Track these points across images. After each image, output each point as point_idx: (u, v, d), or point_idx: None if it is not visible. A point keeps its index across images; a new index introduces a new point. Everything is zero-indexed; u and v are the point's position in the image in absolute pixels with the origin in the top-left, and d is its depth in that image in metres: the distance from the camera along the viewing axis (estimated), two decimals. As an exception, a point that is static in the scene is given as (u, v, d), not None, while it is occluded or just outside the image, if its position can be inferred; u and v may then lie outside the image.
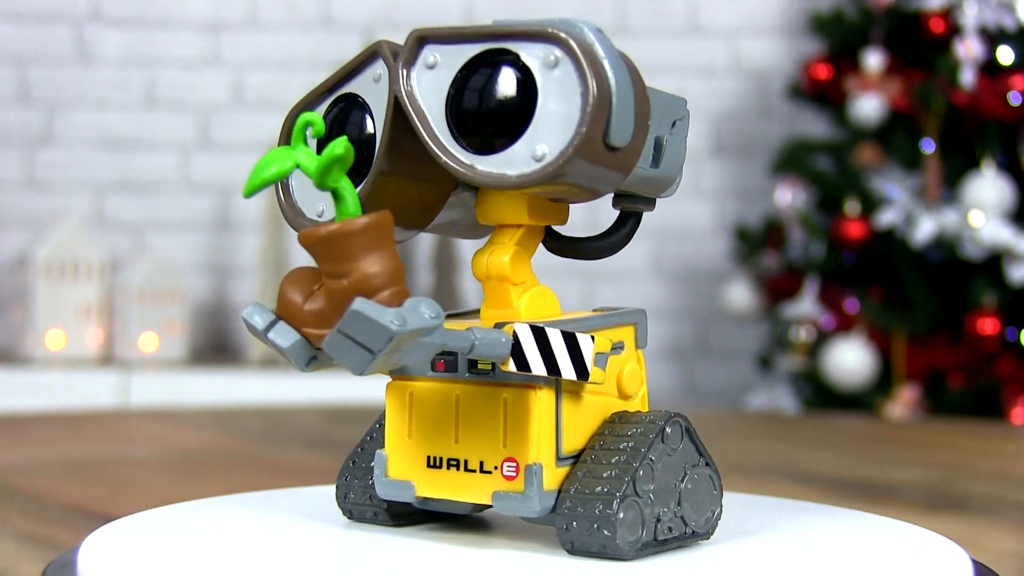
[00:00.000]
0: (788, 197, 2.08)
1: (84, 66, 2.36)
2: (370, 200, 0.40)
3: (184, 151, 2.37)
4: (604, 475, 0.39)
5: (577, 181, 0.38)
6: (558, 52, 0.38)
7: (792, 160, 2.11)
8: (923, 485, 0.76)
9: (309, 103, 0.42)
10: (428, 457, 0.41)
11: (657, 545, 0.39)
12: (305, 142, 0.38)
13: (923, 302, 2.00)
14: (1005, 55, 2.00)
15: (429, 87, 0.40)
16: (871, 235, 2.01)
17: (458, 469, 0.40)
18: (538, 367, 0.38)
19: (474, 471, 0.40)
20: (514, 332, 0.38)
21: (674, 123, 0.41)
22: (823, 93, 2.15)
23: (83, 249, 2.18)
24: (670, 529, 0.40)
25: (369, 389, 1.92)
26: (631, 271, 2.40)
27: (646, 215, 0.44)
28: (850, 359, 1.97)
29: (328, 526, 0.43)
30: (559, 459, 0.40)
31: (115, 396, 2.02)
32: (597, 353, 0.39)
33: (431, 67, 0.40)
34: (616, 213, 0.44)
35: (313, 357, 0.39)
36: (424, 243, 2.35)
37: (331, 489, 0.50)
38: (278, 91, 2.37)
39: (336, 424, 1.07)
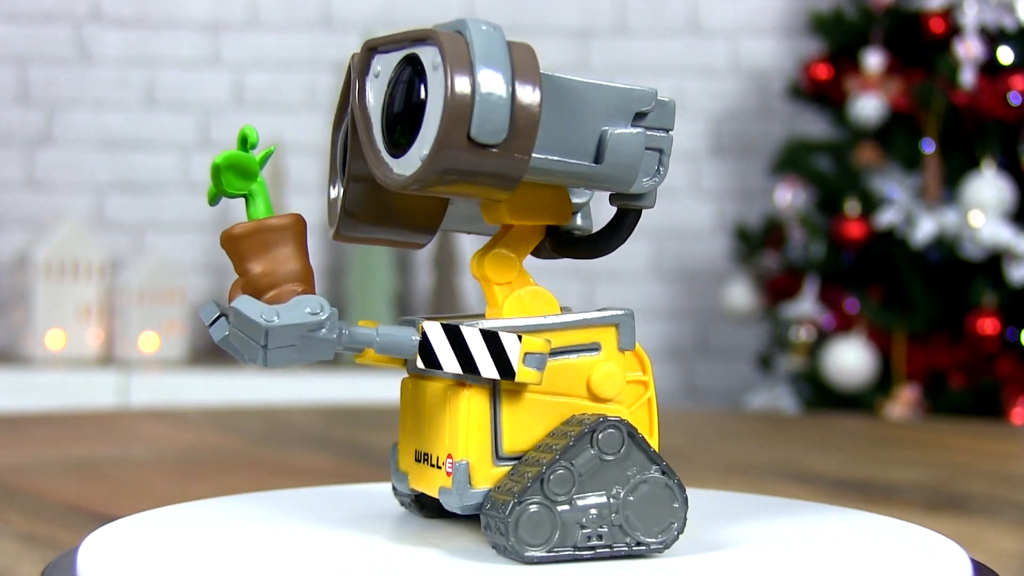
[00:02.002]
0: (788, 197, 2.08)
1: (84, 66, 2.36)
2: (368, 204, 0.42)
3: (184, 151, 2.37)
4: (518, 476, 0.39)
5: (457, 179, 0.38)
6: (438, 55, 0.38)
7: (792, 160, 2.11)
8: (923, 485, 0.76)
9: (337, 120, 0.44)
10: (415, 451, 0.43)
11: (577, 551, 0.39)
12: (245, 149, 0.40)
13: (923, 302, 2.00)
14: (1005, 55, 2.00)
15: (376, 95, 0.41)
16: (871, 235, 2.01)
17: (427, 463, 0.42)
18: (450, 365, 0.39)
19: (434, 466, 0.41)
20: (422, 330, 0.39)
21: (641, 115, 0.40)
22: (823, 93, 2.15)
23: (83, 249, 2.18)
24: (600, 537, 0.39)
25: (370, 390, 1.93)
26: (631, 271, 2.40)
27: (647, 215, 0.44)
28: (850, 359, 1.97)
29: (327, 527, 0.43)
30: (498, 459, 0.40)
31: (115, 396, 2.02)
32: (528, 353, 0.39)
33: (377, 76, 0.41)
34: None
35: None
36: (424, 243, 2.35)
37: (330, 489, 0.50)
38: (278, 91, 2.37)
39: (336, 424, 1.07)
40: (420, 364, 0.39)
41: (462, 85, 0.37)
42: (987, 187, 1.94)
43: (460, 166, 0.38)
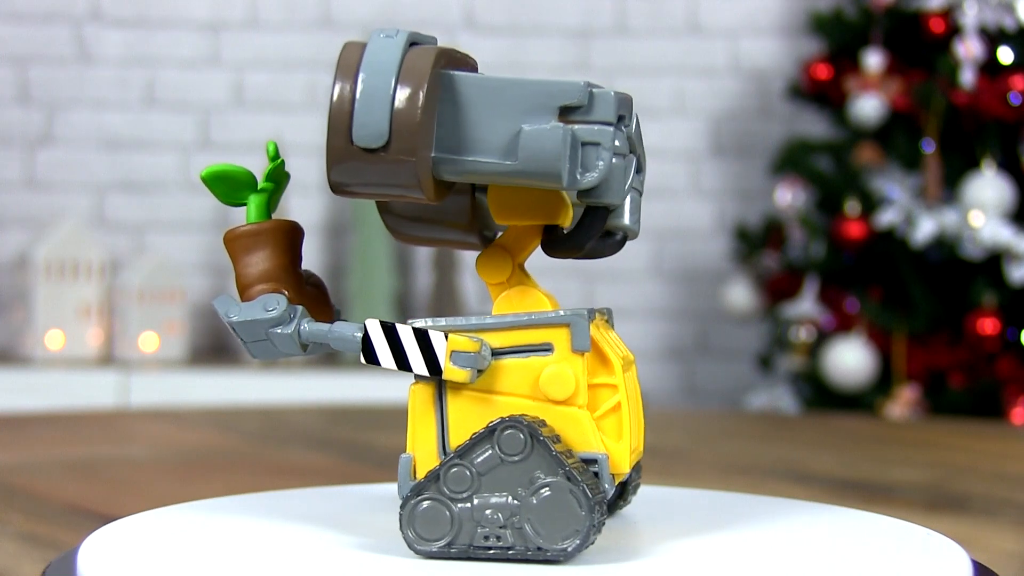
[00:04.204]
0: (788, 197, 2.08)
1: (84, 66, 2.36)
2: (400, 202, 0.43)
3: (184, 151, 2.37)
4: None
5: (356, 184, 0.39)
6: None
7: (792, 160, 2.11)
8: (923, 485, 0.76)
9: None
10: None
11: (474, 551, 0.39)
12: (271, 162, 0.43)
13: (923, 302, 2.00)
14: (1005, 55, 2.00)
15: None
16: (871, 235, 2.01)
17: None
18: (387, 362, 0.40)
19: None
20: (364, 327, 0.40)
21: (572, 109, 0.39)
22: (823, 93, 2.15)
23: (83, 249, 2.18)
24: (497, 539, 0.39)
25: (370, 390, 1.93)
26: (631, 271, 2.40)
27: (647, 216, 0.44)
28: (850, 359, 1.97)
29: (327, 527, 0.43)
30: (445, 454, 0.41)
31: (115, 396, 2.02)
32: (455, 352, 0.40)
33: None
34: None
35: None
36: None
37: (330, 490, 0.50)
38: (278, 91, 2.37)
39: (336, 424, 1.07)
40: (362, 360, 0.40)
41: (343, 93, 0.39)
42: (987, 187, 1.94)
43: (352, 171, 0.39)
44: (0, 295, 2.33)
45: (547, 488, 0.38)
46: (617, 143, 0.39)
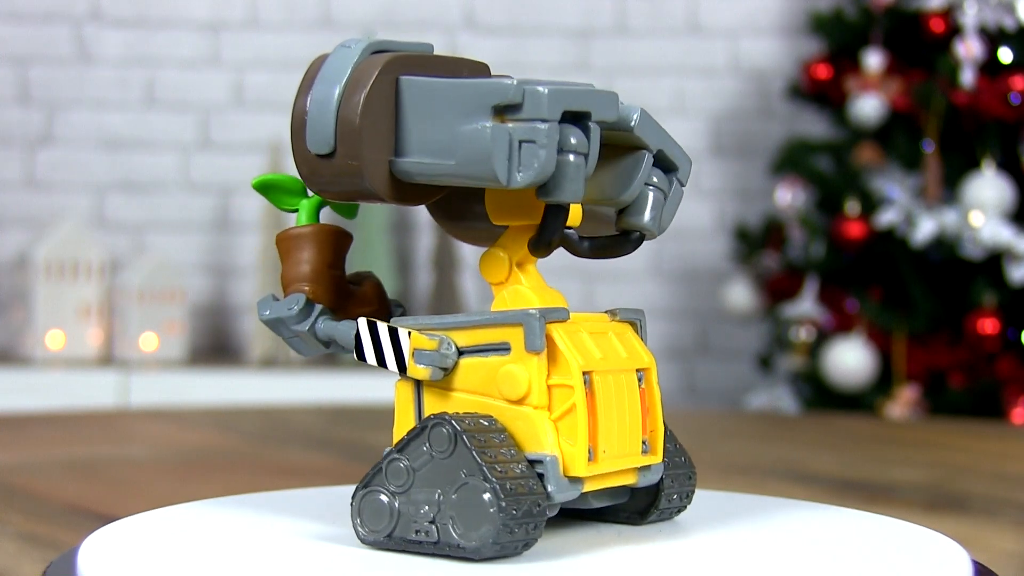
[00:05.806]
0: (788, 197, 2.08)
1: (84, 66, 2.36)
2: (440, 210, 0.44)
3: (184, 151, 2.37)
4: None
5: (322, 187, 0.42)
6: None
7: (792, 160, 2.11)
8: (923, 485, 0.76)
9: None
10: None
11: (407, 544, 0.39)
12: None
13: (923, 302, 2.00)
14: (1005, 55, 2.00)
15: None
16: (871, 235, 2.01)
17: None
18: (371, 359, 0.41)
19: None
20: (356, 325, 0.41)
21: (509, 108, 0.39)
22: (823, 93, 2.15)
23: (83, 249, 2.18)
24: (426, 534, 0.39)
25: (370, 390, 1.93)
26: (631, 271, 2.40)
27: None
28: (850, 359, 1.97)
29: (327, 527, 0.43)
30: None
31: (115, 396, 2.02)
32: (417, 350, 0.40)
33: None
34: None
35: None
36: (424, 243, 2.35)
37: (330, 490, 0.50)
38: (278, 91, 2.37)
39: (336, 424, 1.07)
40: (355, 356, 0.41)
41: (300, 102, 0.41)
42: (987, 187, 1.94)
43: (315, 176, 0.41)
44: (0, 295, 2.33)
45: (466, 486, 0.39)
46: (573, 140, 0.39)
